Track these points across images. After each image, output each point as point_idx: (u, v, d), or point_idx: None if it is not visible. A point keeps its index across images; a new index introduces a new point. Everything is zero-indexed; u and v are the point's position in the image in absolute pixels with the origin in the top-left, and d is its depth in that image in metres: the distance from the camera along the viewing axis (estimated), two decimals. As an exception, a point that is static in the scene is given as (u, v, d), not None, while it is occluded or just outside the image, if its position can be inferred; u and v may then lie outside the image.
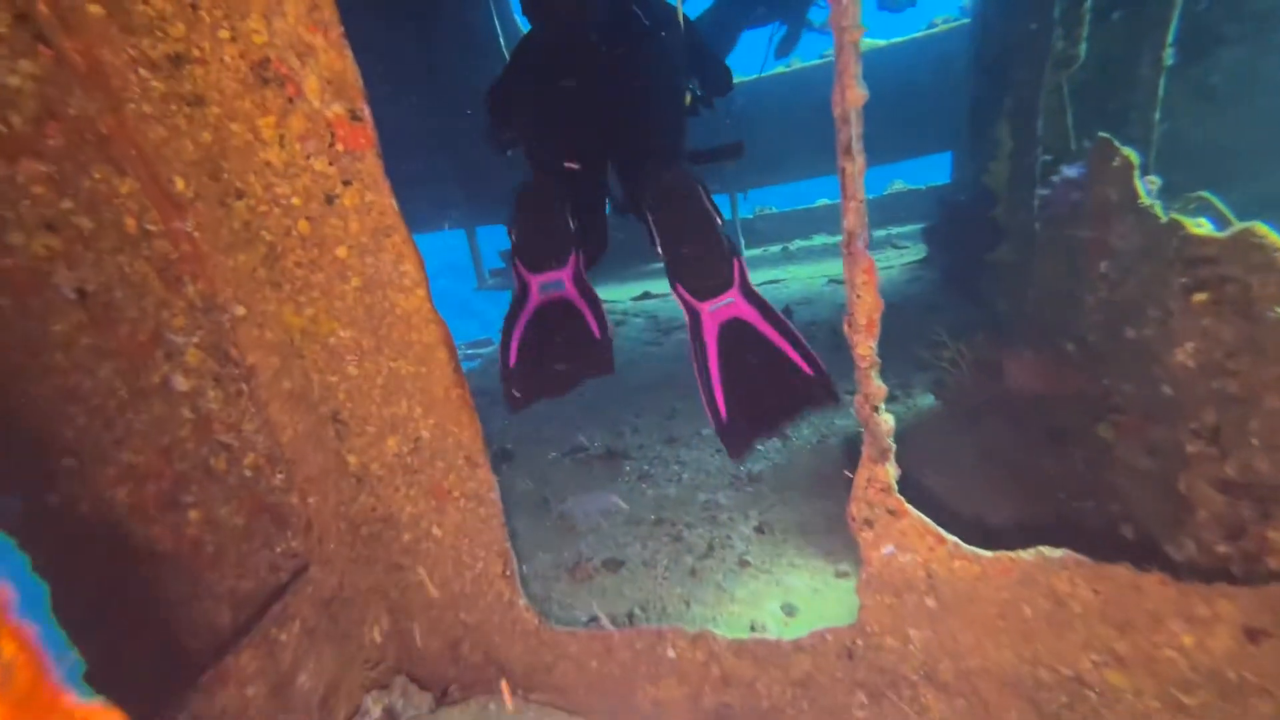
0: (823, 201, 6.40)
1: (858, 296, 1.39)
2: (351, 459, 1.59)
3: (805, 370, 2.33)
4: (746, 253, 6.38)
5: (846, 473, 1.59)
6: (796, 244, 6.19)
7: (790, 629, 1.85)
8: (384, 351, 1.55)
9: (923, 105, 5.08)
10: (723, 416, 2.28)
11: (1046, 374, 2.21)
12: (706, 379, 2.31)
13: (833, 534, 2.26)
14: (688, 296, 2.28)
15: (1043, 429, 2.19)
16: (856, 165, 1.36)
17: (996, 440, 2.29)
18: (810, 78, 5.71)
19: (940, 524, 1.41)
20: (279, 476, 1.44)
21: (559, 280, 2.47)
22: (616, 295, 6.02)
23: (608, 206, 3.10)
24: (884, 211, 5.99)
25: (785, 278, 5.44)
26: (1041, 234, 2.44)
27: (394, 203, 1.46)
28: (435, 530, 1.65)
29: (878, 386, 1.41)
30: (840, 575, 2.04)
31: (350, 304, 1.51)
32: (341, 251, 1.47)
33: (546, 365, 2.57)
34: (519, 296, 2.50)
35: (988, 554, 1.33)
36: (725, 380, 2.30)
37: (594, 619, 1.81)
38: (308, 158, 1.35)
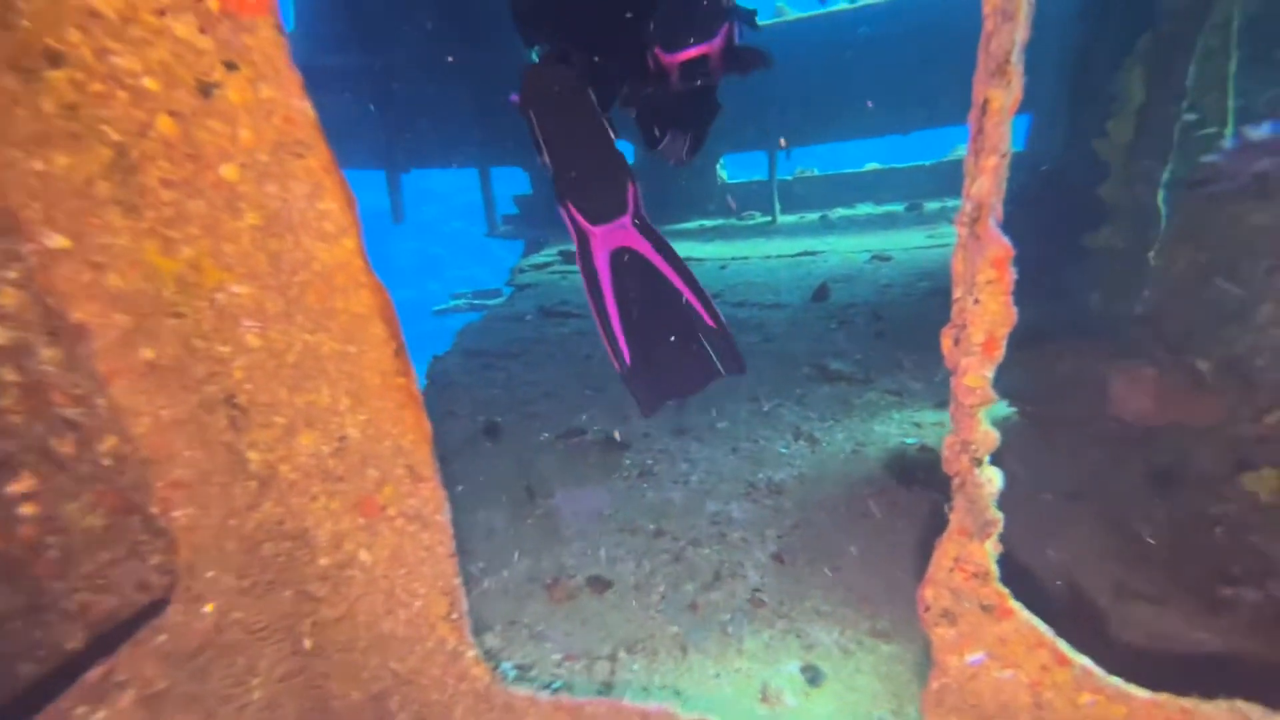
0: (871, 166, 5.74)
1: (976, 301, 0.92)
2: (253, 456, 1.19)
3: (707, 320, 2.21)
4: (782, 218, 5.79)
5: (872, 504, 1.15)
6: (838, 212, 5.58)
7: (813, 703, 1.46)
8: (296, 319, 1.12)
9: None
10: (626, 360, 2.15)
11: (1170, 398, 1.72)
12: (604, 314, 2.15)
13: (869, 573, 1.85)
14: (577, 217, 2.09)
15: (1156, 470, 1.72)
16: (1010, 95, 0.87)
17: (1093, 480, 1.83)
18: (874, 14, 4.96)
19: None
20: (131, 477, 1.04)
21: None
22: (634, 255, 5.50)
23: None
24: (942, 180, 5.33)
25: (823, 249, 4.88)
26: (1177, 215, 1.90)
27: (309, 108, 0.99)
28: (363, 555, 1.26)
29: (984, 432, 0.96)
30: (878, 635, 1.64)
31: (246, 248, 1.07)
32: (229, 171, 1.02)
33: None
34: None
35: (1141, 692, 0.90)
36: (624, 319, 2.15)
37: (560, 688, 1.43)
38: (162, 14, 0.88)
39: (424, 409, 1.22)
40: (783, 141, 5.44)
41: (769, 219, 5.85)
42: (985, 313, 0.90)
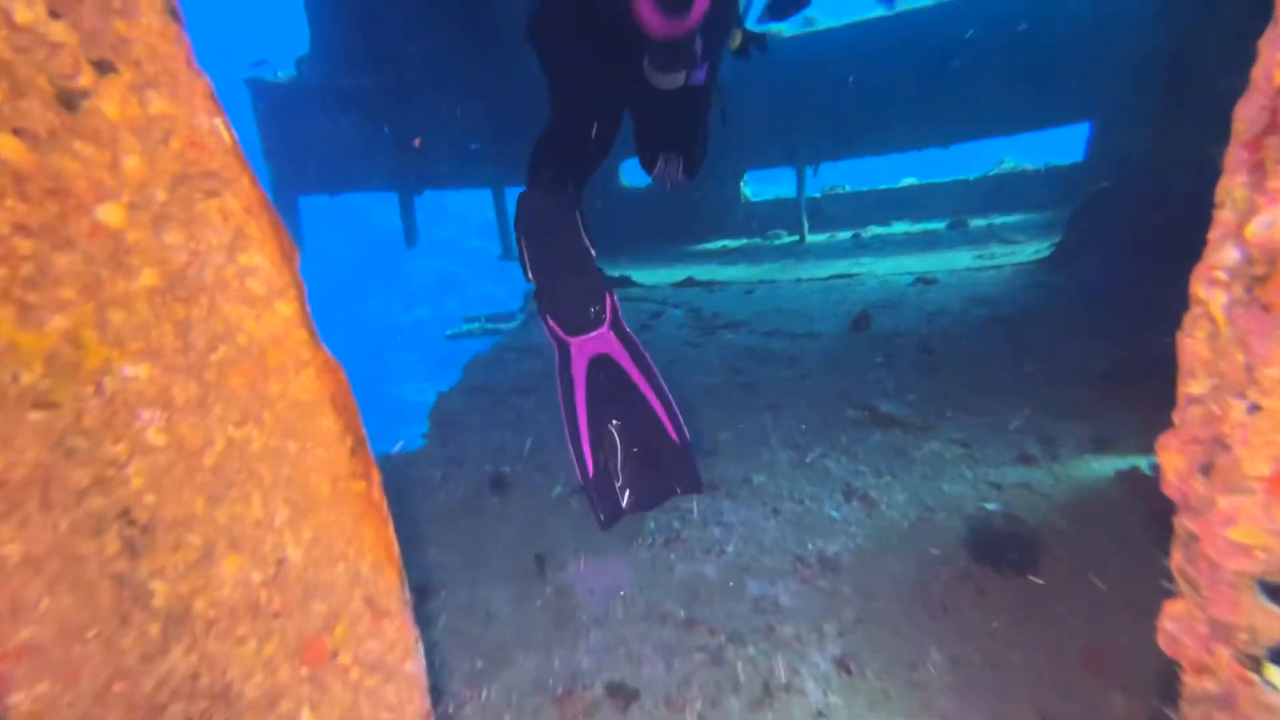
0: (908, 181, 5.39)
1: (1254, 408, 0.58)
2: (158, 589, 0.88)
3: (671, 435, 2.30)
4: (811, 238, 5.46)
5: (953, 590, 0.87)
6: (871, 231, 5.23)
7: None
8: (216, 409, 0.81)
9: (1054, 59, 4.01)
10: (589, 470, 2.21)
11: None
12: (574, 423, 2.26)
13: (964, 697, 1.47)
14: (556, 330, 2.25)
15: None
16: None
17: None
18: (909, 23, 4.66)
19: None
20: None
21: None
22: (655, 278, 5.22)
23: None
24: (987, 196, 4.96)
25: (858, 272, 4.52)
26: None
27: (224, 128, 0.71)
28: (306, 717, 0.93)
29: (1266, 611, 0.60)
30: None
31: (144, 316, 0.78)
32: (111, 214, 0.73)
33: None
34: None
35: None
36: (592, 429, 2.26)
37: None
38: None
39: (389, 522, 0.91)
40: (813, 171, 5.14)
41: (796, 239, 5.53)
42: (1273, 429, 0.55)
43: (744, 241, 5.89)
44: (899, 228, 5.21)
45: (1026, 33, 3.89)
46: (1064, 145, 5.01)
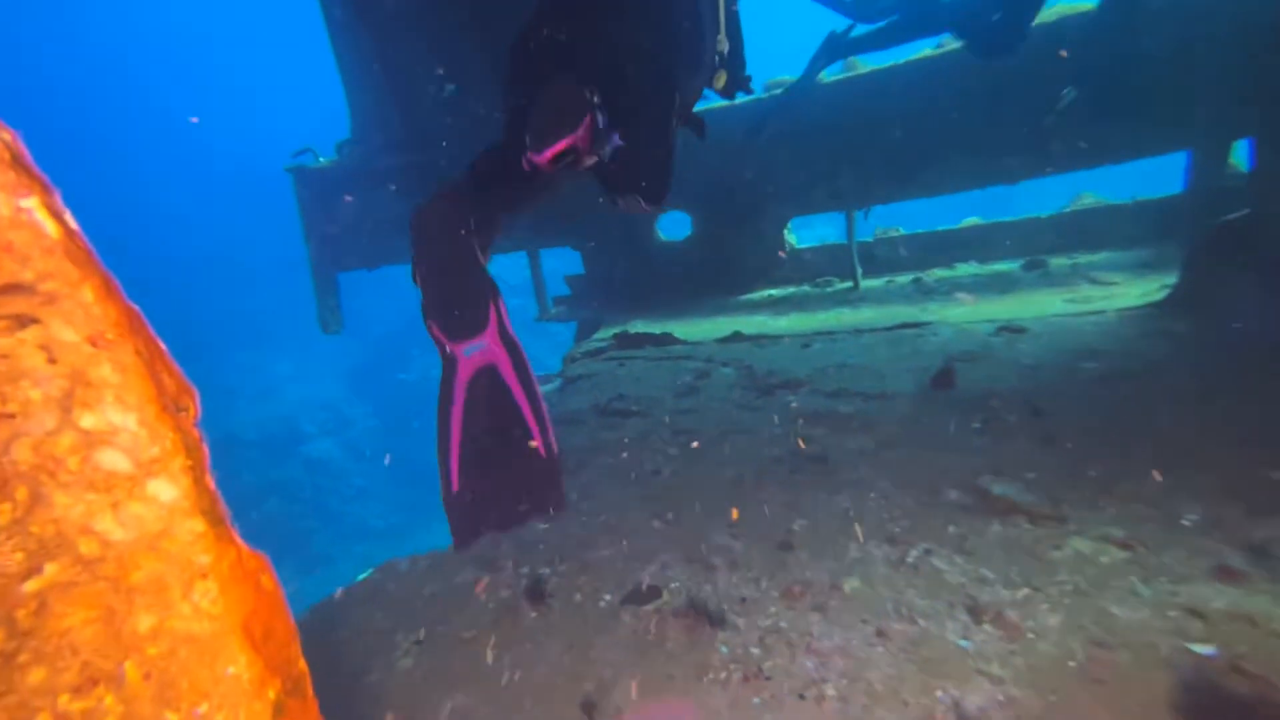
0: (971, 221, 4.98)
1: None
2: None
3: (540, 450, 2.35)
4: (865, 283, 5.06)
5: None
6: (935, 274, 4.80)
7: None
8: (34, 674, 0.47)
9: (1144, 82, 3.61)
10: (453, 485, 2.25)
11: None
12: (446, 438, 2.25)
13: None
14: (439, 335, 2.28)
15: None
16: None
17: None
18: (957, 64, 4.38)
19: None
20: None
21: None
22: (700, 333, 4.88)
23: None
24: (1063, 233, 4.48)
25: (928, 320, 4.07)
26: None
27: (49, 216, 0.40)
28: None
29: None
30: None
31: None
32: None
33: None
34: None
35: None
36: (464, 445, 2.27)
37: None
38: None
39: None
40: (864, 215, 4.82)
41: (849, 285, 5.14)
42: None
43: (792, 290, 5.54)
44: (965, 270, 4.75)
45: (1122, 55, 3.53)
46: (1145, 177, 4.55)
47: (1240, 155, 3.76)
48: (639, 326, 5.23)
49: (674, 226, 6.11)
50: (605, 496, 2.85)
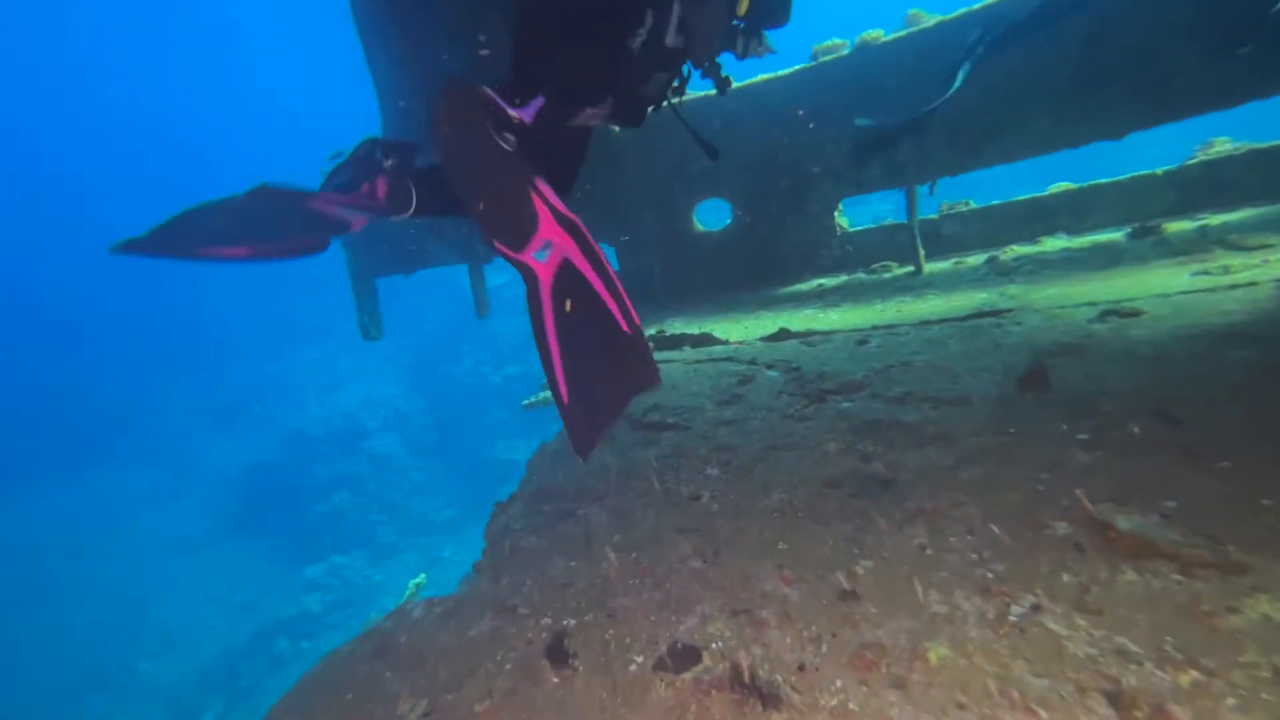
0: (1060, 186, 4.29)
1: None
2: None
3: (622, 326, 2.20)
4: (930, 266, 4.50)
5: None
6: (1013, 252, 4.18)
7: None
8: None
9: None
10: (564, 398, 2.15)
11: None
12: (547, 356, 2.16)
13: None
14: (507, 254, 2.16)
15: None
16: None
17: None
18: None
19: None
20: None
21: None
22: (742, 332, 4.48)
23: None
24: (1184, 191, 3.78)
25: (1009, 307, 3.52)
26: None
27: None
28: None
29: None
30: None
31: None
32: None
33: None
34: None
35: None
36: (564, 350, 2.17)
37: None
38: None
39: None
40: (929, 190, 4.24)
41: (911, 270, 4.59)
42: None
43: (844, 278, 5.03)
44: (1054, 244, 4.11)
45: None
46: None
47: None
48: (677, 325, 4.87)
49: (714, 215, 5.69)
50: (639, 527, 2.54)
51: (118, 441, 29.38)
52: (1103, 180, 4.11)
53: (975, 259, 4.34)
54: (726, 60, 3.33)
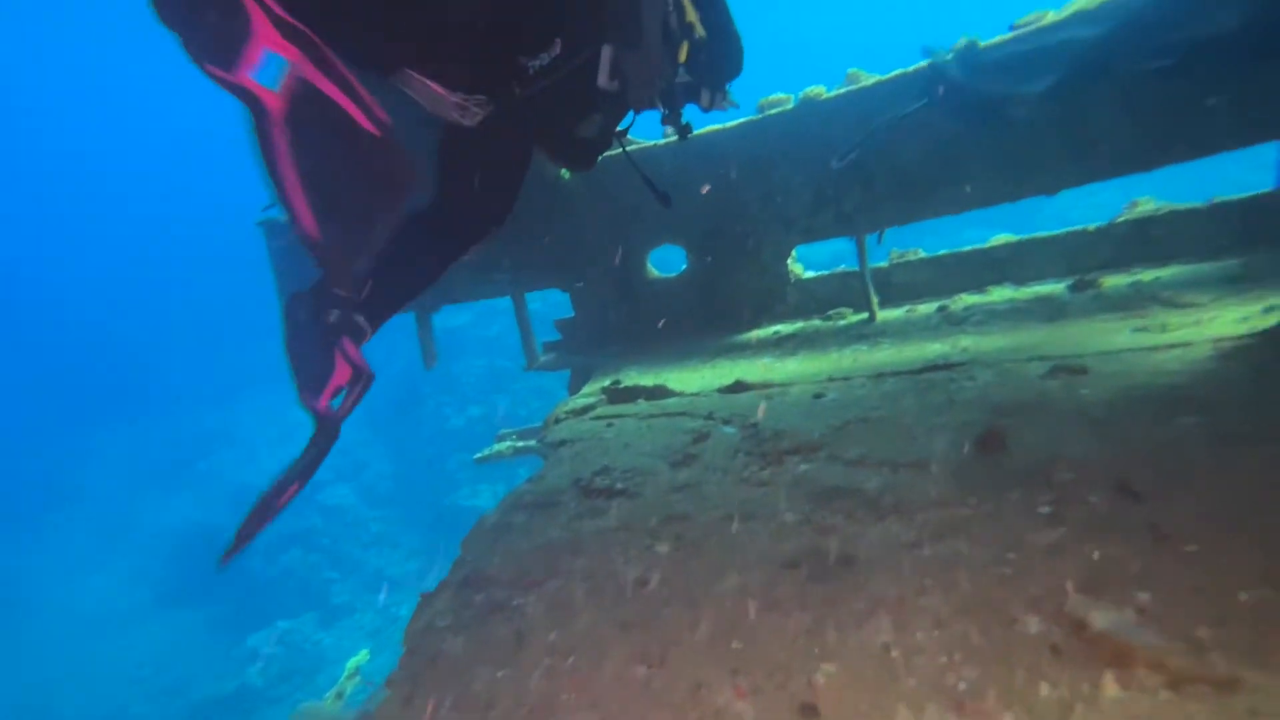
0: (1002, 238, 4.37)
1: None
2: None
3: (367, 128, 1.95)
4: (883, 315, 4.47)
5: None
6: (963, 302, 4.19)
7: None
8: None
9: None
10: (313, 233, 1.93)
11: None
12: (282, 188, 1.82)
13: None
14: (220, 74, 1.72)
15: None
16: None
17: None
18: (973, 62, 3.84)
19: None
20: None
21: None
22: (698, 382, 4.33)
23: None
24: (1119, 247, 3.87)
25: (961, 360, 3.46)
26: None
27: None
28: None
29: None
30: None
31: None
32: None
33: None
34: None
35: None
36: (305, 182, 1.84)
37: None
38: None
39: None
40: (878, 239, 4.28)
41: (865, 316, 4.56)
42: None
43: (800, 324, 4.96)
44: (1000, 294, 4.14)
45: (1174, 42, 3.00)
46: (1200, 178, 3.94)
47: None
48: (632, 376, 4.69)
49: (665, 262, 5.61)
50: (578, 621, 2.27)
51: (42, 505, 27.01)
52: (1041, 234, 4.21)
53: (927, 307, 4.33)
54: (692, 112, 3.37)
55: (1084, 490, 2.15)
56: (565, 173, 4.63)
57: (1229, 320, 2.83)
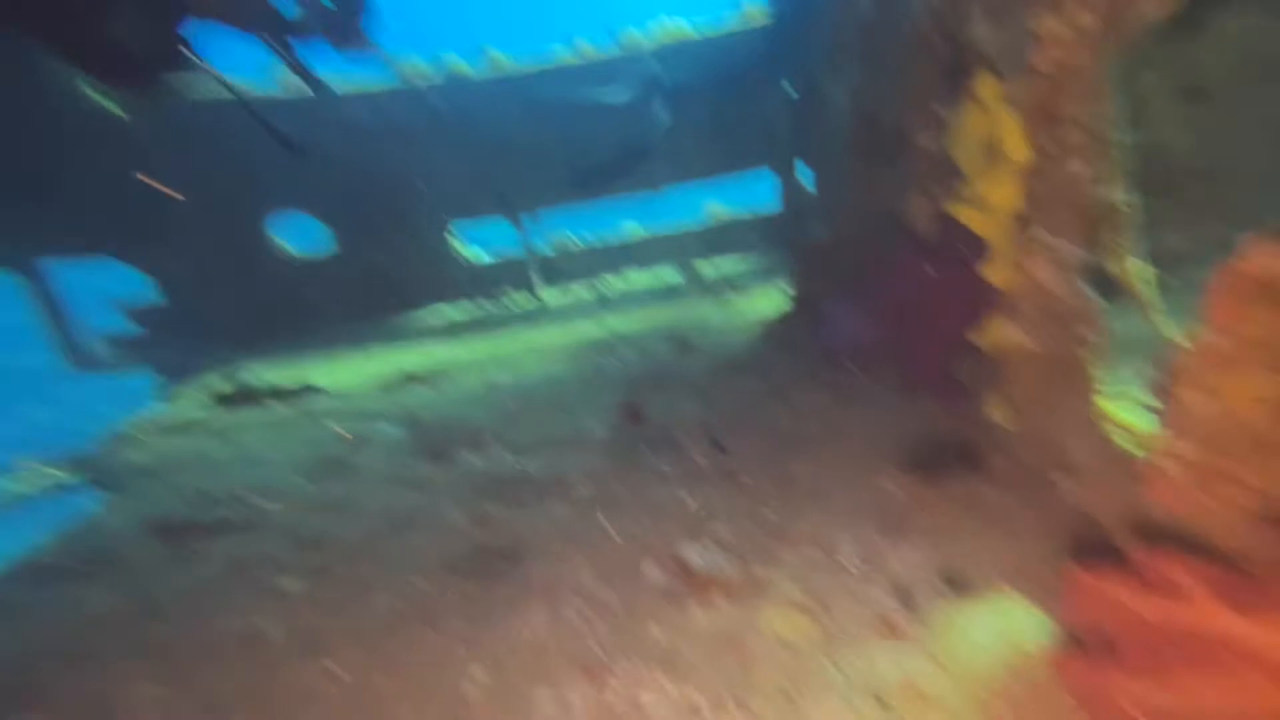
0: (634, 229, 5.05)
1: None
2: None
3: None
4: (550, 298, 4.68)
5: None
6: (611, 285, 4.71)
7: None
8: None
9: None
10: None
11: None
12: None
13: None
14: None
15: None
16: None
17: None
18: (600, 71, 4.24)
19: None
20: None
21: None
22: (356, 377, 3.75)
23: None
24: (711, 242, 4.91)
25: (610, 339, 3.88)
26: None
27: None
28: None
29: None
30: None
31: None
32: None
33: None
34: None
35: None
36: None
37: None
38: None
39: None
40: (532, 220, 4.39)
41: (531, 300, 4.69)
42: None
43: (467, 308, 4.81)
44: (637, 280, 4.82)
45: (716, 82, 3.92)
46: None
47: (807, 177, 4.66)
48: (258, 374, 3.77)
49: (302, 234, 4.64)
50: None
51: None
52: (660, 229, 5.06)
53: (583, 291, 4.71)
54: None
55: (691, 448, 2.64)
56: (112, 103, 3.24)
57: (769, 304, 3.96)
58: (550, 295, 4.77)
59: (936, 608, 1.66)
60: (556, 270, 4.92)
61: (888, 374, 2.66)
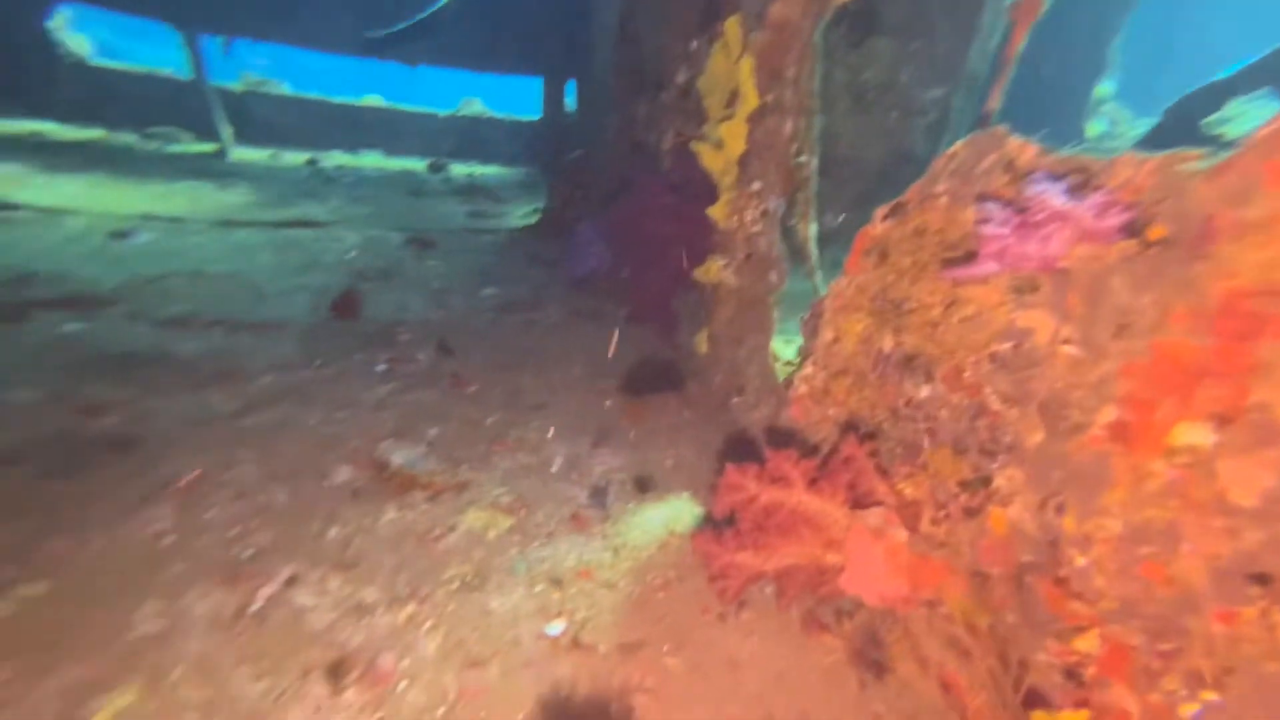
0: (373, 99, 4.18)
1: None
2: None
3: None
4: (240, 153, 3.58)
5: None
6: (335, 160, 3.88)
7: None
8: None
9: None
10: None
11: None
12: None
13: None
14: None
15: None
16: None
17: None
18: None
19: None
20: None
21: None
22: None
23: None
24: (461, 138, 4.44)
25: (329, 219, 3.22)
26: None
27: None
28: None
29: None
30: None
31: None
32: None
33: None
34: None
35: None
36: None
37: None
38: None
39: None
40: (223, 47, 3.23)
41: (214, 148, 3.53)
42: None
43: (91, 133, 3.39)
44: (370, 159, 4.07)
45: None
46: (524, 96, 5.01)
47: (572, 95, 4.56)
48: None
49: None
50: None
51: None
52: (407, 107, 4.37)
53: (296, 157, 3.78)
54: None
55: (416, 349, 2.38)
56: None
57: (520, 214, 3.82)
58: (248, 152, 3.70)
59: (624, 507, 1.84)
60: (257, 122, 3.79)
61: (620, 300, 2.81)
